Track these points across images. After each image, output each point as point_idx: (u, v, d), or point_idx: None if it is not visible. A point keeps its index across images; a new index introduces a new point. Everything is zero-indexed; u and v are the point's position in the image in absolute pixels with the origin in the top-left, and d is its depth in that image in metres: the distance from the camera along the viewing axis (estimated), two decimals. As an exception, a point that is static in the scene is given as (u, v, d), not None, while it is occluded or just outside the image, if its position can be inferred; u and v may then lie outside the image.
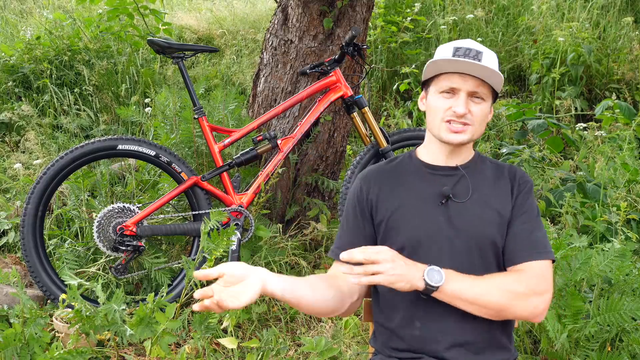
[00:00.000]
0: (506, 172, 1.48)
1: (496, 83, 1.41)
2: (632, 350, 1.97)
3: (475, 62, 1.37)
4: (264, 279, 1.27)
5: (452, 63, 1.39)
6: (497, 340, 1.41)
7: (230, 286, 1.24)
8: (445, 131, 1.42)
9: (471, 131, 1.42)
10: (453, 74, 1.40)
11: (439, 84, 1.43)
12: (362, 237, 1.47)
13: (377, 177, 1.50)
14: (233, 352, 2.31)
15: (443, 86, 1.42)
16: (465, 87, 1.40)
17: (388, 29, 4.82)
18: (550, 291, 1.37)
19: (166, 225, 2.65)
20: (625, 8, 5.48)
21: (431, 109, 1.45)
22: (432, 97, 1.45)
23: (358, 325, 2.41)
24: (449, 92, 1.41)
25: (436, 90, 1.44)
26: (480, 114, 1.42)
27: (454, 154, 1.47)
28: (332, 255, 1.51)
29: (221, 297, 1.21)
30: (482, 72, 1.38)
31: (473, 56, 1.39)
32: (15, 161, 3.53)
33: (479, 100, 1.41)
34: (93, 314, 1.94)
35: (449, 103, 1.41)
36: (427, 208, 1.42)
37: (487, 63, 1.39)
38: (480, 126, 1.43)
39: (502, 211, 1.41)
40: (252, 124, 2.72)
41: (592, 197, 3.01)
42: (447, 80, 1.41)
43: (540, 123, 3.62)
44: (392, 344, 1.43)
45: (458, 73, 1.40)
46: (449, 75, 1.41)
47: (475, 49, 1.41)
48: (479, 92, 1.40)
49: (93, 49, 4.48)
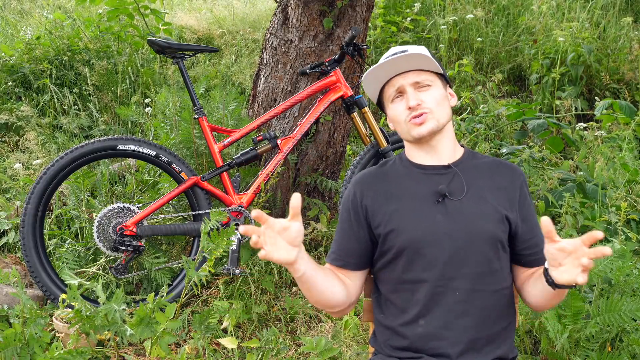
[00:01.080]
0: (501, 168, 1.50)
1: (432, 66, 1.46)
2: (632, 351, 1.97)
3: (398, 55, 1.43)
4: (301, 252, 1.28)
5: (383, 67, 1.45)
6: (500, 338, 1.41)
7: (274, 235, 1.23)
8: (412, 128, 1.45)
9: (432, 117, 1.44)
10: (391, 80, 1.47)
11: (386, 95, 1.50)
12: (356, 241, 1.48)
13: (371, 182, 1.51)
14: (233, 352, 2.31)
15: (390, 93, 1.49)
16: (406, 82, 1.45)
17: (388, 29, 4.82)
18: None
19: (166, 225, 2.65)
20: (625, 8, 5.48)
21: (394, 119, 1.50)
22: (389, 110, 1.51)
23: (358, 325, 2.41)
24: (397, 95, 1.48)
25: (388, 101, 1.50)
26: (432, 98, 1.45)
27: (435, 148, 1.48)
28: (328, 260, 1.52)
29: (265, 236, 1.20)
30: (411, 61, 1.44)
31: (392, 55, 1.46)
32: (15, 161, 3.53)
33: (426, 88, 1.46)
34: (93, 314, 1.94)
35: (403, 104, 1.46)
36: (425, 208, 1.42)
37: (414, 52, 1.44)
38: (440, 109, 1.45)
39: (498, 206, 1.42)
40: (252, 124, 2.72)
41: (591, 197, 3.00)
42: (390, 87, 1.48)
43: (540, 123, 3.62)
44: (393, 343, 1.44)
45: (394, 76, 1.46)
46: (388, 83, 1.48)
47: (398, 49, 1.48)
48: (420, 80, 1.45)
49: (93, 49, 4.48)
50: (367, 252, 1.49)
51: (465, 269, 1.37)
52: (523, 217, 1.45)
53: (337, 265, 1.49)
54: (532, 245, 1.45)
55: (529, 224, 1.45)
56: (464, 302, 1.38)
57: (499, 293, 1.41)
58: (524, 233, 1.44)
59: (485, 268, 1.38)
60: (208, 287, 2.71)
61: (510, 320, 1.45)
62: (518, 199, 1.45)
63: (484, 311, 1.39)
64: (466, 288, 1.38)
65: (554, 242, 1.20)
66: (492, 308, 1.40)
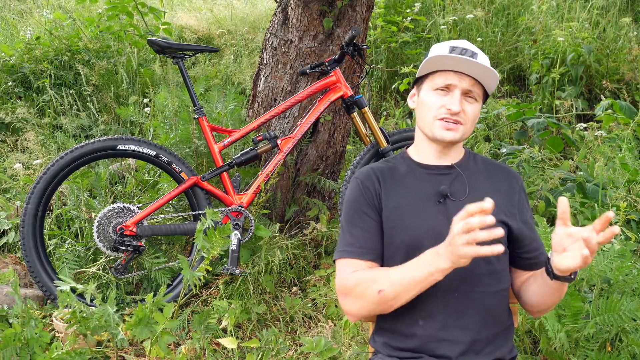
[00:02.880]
0: (500, 172, 1.50)
1: (490, 83, 1.43)
2: (631, 351, 1.97)
3: (473, 60, 1.38)
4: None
5: (451, 60, 1.39)
6: (500, 338, 1.42)
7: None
8: (438, 128, 1.43)
9: (462, 130, 1.43)
10: (449, 71, 1.41)
11: (434, 81, 1.44)
12: (377, 233, 1.43)
13: (377, 174, 1.50)
14: (233, 352, 2.31)
15: (438, 83, 1.43)
16: (461, 85, 1.41)
17: (388, 29, 4.82)
18: None
19: (166, 225, 2.65)
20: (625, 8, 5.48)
21: (424, 105, 1.45)
22: (425, 94, 1.46)
23: (358, 325, 2.41)
24: (444, 89, 1.42)
25: (430, 87, 1.45)
26: (472, 114, 1.43)
27: (445, 152, 1.48)
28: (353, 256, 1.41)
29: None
30: (478, 70, 1.39)
31: (470, 55, 1.41)
32: (15, 161, 3.53)
33: (472, 100, 1.43)
34: (89, 316, 1.94)
35: (443, 101, 1.42)
36: (426, 207, 1.42)
37: (482, 63, 1.41)
38: (471, 126, 1.45)
39: (499, 210, 1.42)
40: (252, 124, 2.72)
41: (591, 197, 3.00)
42: (443, 78, 1.42)
43: (540, 123, 3.62)
44: (393, 343, 1.43)
45: (454, 71, 1.41)
46: (445, 72, 1.42)
47: (471, 49, 1.42)
48: (473, 91, 1.42)
49: (93, 49, 4.48)
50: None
51: (465, 270, 1.37)
52: (524, 221, 1.45)
53: (369, 259, 1.41)
54: (532, 249, 1.45)
55: (528, 227, 1.46)
56: (464, 303, 1.38)
57: (499, 294, 1.41)
58: (525, 237, 1.45)
59: (485, 269, 1.38)
60: (208, 287, 2.71)
61: (510, 320, 1.46)
62: (517, 203, 1.46)
63: (484, 312, 1.39)
64: (466, 289, 1.38)
65: (565, 225, 1.19)
66: (492, 309, 1.40)
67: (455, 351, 1.36)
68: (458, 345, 1.37)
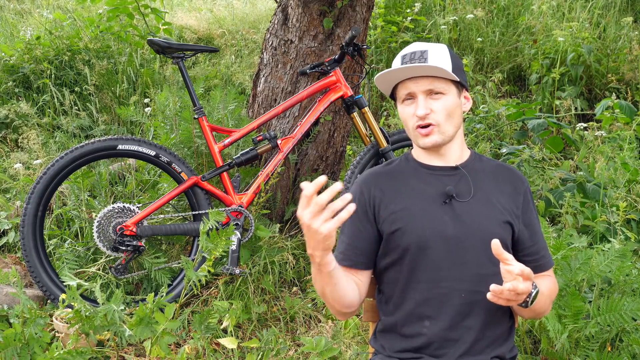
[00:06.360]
0: (506, 174, 1.50)
1: (450, 71, 1.41)
2: (632, 351, 1.97)
3: (420, 65, 1.38)
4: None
5: (400, 72, 1.41)
6: (501, 339, 1.43)
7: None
8: (419, 137, 1.44)
9: (439, 130, 1.42)
10: (405, 80, 1.43)
11: (398, 94, 1.47)
12: (366, 240, 1.46)
13: (378, 180, 1.50)
14: (233, 352, 2.31)
15: (402, 95, 1.46)
16: (419, 89, 1.42)
17: (388, 29, 4.82)
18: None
19: (166, 225, 2.65)
20: (625, 8, 5.48)
21: (402, 119, 1.48)
22: (399, 108, 1.49)
23: (358, 325, 2.41)
24: (408, 98, 1.44)
25: (399, 101, 1.48)
26: (443, 108, 1.42)
27: (442, 153, 1.48)
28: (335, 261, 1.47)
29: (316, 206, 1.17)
30: (429, 71, 1.40)
31: (418, 58, 1.41)
32: (15, 161, 3.53)
33: (438, 96, 1.42)
34: (92, 315, 1.94)
35: (412, 109, 1.43)
36: (432, 208, 1.42)
37: (433, 60, 1.41)
38: (448, 121, 1.43)
39: (504, 210, 1.43)
40: (252, 124, 2.72)
41: (592, 197, 3.00)
42: (403, 89, 1.45)
43: (540, 123, 3.62)
44: (395, 343, 1.44)
45: (409, 78, 1.42)
46: (403, 83, 1.44)
47: (419, 50, 1.43)
48: (434, 88, 1.42)
49: (93, 49, 4.48)
50: (376, 251, 1.47)
51: (472, 270, 1.38)
52: (526, 224, 1.45)
53: (346, 265, 1.46)
54: (533, 252, 1.45)
55: (531, 231, 1.45)
56: (469, 303, 1.38)
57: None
58: (526, 240, 1.45)
59: (491, 270, 1.38)
60: (208, 287, 2.71)
61: (512, 321, 1.47)
62: (522, 206, 1.46)
63: (488, 313, 1.39)
64: (471, 290, 1.38)
65: (506, 264, 1.25)
66: (496, 310, 1.40)
67: (458, 351, 1.37)
68: (461, 346, 1.37)
